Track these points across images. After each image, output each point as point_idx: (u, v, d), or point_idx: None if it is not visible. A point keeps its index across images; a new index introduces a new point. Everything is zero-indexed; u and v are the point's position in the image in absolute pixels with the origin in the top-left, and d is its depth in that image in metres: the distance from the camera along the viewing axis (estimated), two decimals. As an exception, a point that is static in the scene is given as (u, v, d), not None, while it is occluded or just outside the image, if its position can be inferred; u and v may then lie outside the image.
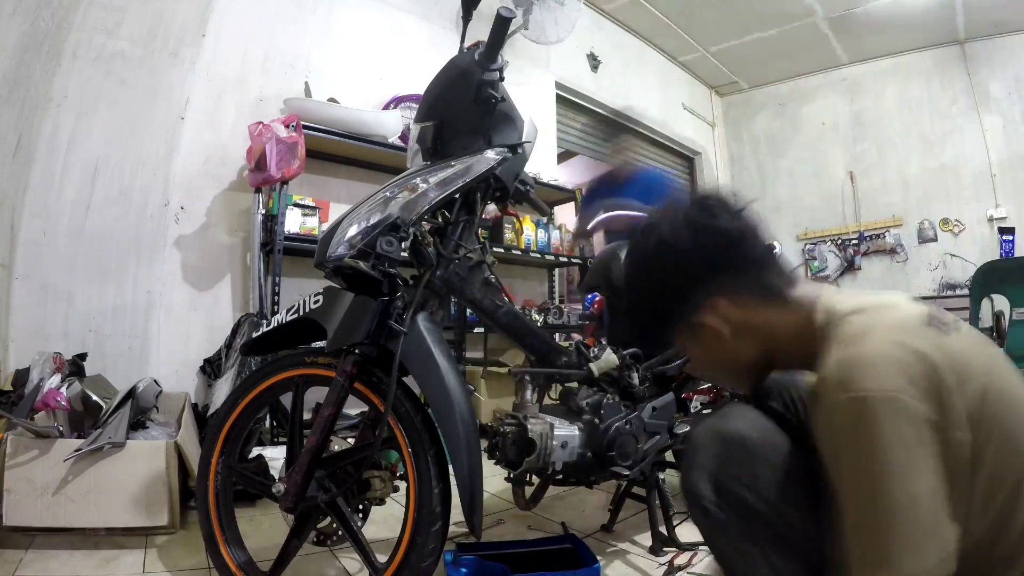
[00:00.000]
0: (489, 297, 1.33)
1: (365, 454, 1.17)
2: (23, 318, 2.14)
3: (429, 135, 1.26)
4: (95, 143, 2.33)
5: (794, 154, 6.10)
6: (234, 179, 2.66)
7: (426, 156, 1.29)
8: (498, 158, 1.26)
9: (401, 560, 1.07)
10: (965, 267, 4.99)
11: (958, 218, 5.16)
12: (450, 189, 1.21)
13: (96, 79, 2.34)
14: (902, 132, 5.45)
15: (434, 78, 1.31)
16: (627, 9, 4.82)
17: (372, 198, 1.20)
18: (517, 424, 1.28)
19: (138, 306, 2.39)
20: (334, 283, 1.27)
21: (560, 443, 1.29)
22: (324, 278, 1.28)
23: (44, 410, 1.60)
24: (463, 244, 1.28)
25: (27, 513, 1.46)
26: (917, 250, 5.35)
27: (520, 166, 1.34)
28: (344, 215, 1.21)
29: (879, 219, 5.54)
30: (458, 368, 1.17)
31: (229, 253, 2.64)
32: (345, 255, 1.14)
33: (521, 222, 3.47)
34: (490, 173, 1.26)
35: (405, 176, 1.24)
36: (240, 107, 2.69)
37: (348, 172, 3.05)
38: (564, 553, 1.41)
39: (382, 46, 3.31)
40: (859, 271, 5.63)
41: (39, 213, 2.20)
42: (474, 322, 3.06)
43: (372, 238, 1.13)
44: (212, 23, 2.65)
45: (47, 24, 2.12)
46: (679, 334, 0.85)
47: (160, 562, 1.40)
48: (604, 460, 1.34)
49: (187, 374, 2.48)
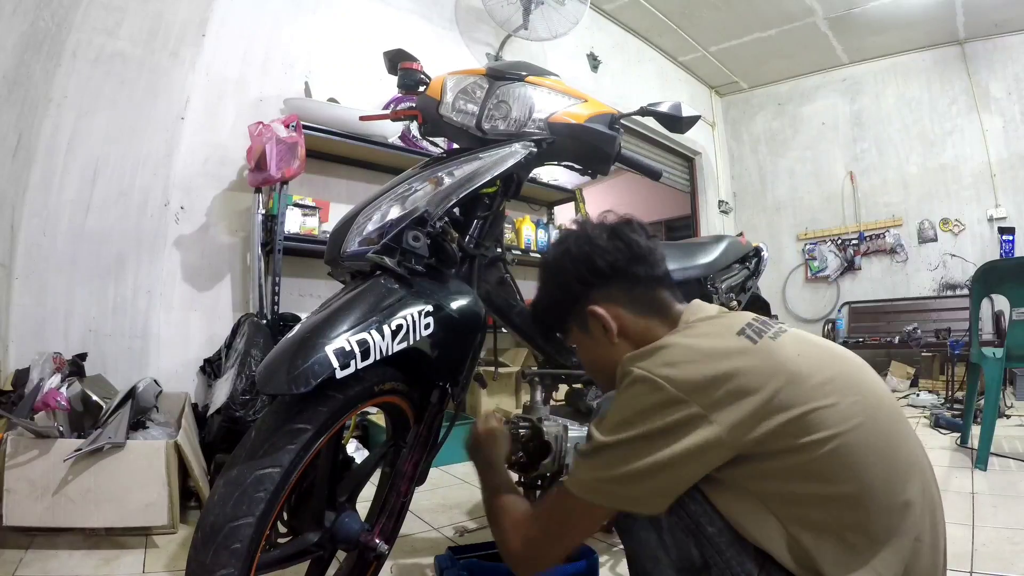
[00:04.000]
0: (503, 296, 1.31)
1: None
2: (23, 318, 2.13)
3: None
4: (95, 143, 2.33)
5: (794, 154, 6.10)
6: (234, 179, 2.66)
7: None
8: (525, 152, 1.15)
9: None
10: (965, 267, 4.99)
11: (958, 218, 5.16)
12: (478, 183, 1.10)
13: (96, 79, 2.34)
14: (902, 132, 5.45)
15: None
16: (627, 9, 4.82)
17: (392, 191, 1.11)
18: (532, 426, 1.26)
19: (138, 306, 2.39)
20: (341, 281, 1.18)
21: (574, 445, 1.27)
22: (328, 276, 1.21)
23: (44, 410, 1.60)
24: (483, 241, 1.21)
25: (27, 513, 1.46)
26: (917, 250, 5.35)
27: (542, 161, 1.26)
28: (357, 209, 1.11)
29: (879, 219, 5.54)
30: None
31: (229, 253, 2.64)
32: (367, 251, 1.01)
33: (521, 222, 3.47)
34: (518, 167, 1.15)
35: (426, 168, 1.16)
36: (240, 107, 2.69)
37: (348, 172, 3.05)
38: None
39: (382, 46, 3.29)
40: (859, 271, 5.64)
41: (39, 213, 2.20)
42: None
43: (397, 233, 1.01)
44: (212, 23, 2.64)
45: (47, 24, 2.12)
46: (573, 331, 0.96)
47: (160, 562, 1.40)
48: None
49: (187, 374, 2.47)
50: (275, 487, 0.80)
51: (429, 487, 1.93)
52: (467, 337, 1.06)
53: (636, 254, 0.90)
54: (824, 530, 0.68)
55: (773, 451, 0.69)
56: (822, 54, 5.52)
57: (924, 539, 0.70)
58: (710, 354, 0.74)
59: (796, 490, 0.69)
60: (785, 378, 0.70)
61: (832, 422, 0.69)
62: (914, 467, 0.73)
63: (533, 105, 1.18)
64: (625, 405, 0.75)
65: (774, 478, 0.69)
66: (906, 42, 5.23)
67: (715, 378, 0.71)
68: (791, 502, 0.69)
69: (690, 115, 1.21)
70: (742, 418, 0.69)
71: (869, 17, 4.81)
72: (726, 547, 0.71)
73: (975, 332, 2.58)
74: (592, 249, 0.91)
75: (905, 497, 0.70)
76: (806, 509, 0.69)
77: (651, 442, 0.71)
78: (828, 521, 0.68)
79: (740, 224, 6.28)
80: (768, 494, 0.70)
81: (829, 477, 0.68)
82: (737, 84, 6.22)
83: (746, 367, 0.71)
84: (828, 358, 0.77)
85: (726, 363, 0.72)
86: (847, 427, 0.69)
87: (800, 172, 6.05)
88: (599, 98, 1.26)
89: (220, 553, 0.76)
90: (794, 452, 0.68)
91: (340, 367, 0.83)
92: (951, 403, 3.69)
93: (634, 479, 0.71)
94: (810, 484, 0.68)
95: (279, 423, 0.84)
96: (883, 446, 0.71)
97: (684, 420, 0.70)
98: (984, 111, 5.03)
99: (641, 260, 0.90)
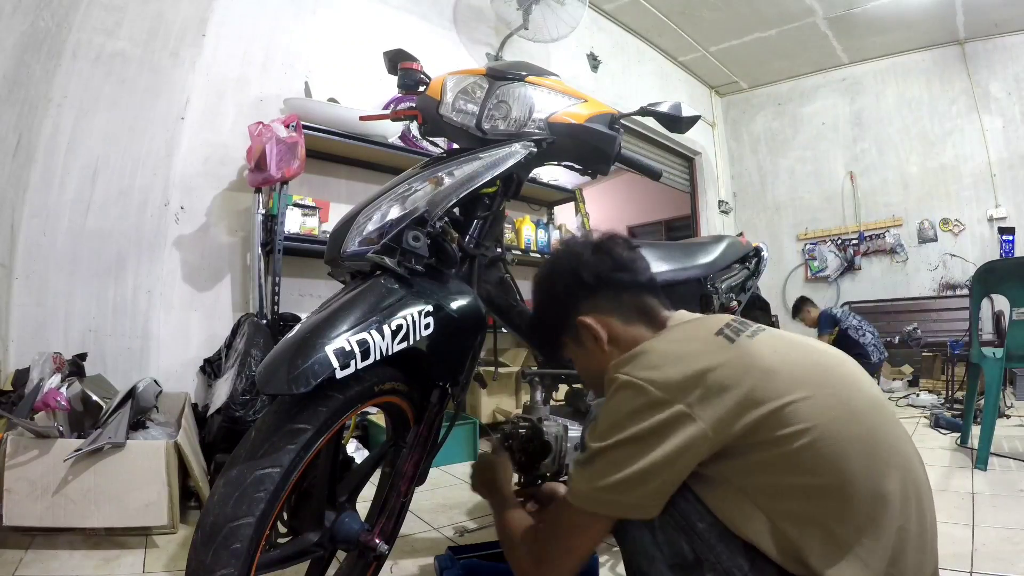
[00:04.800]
0: (503, 296, 1.31)
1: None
2: (23, 318, 2.14)
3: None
4: (95, 143, 2.33)
5: (794, 154, 6.10)
6: (234, 179, 2.66)
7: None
8: (525, 152, 1.15)
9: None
10: (965, 267, 5.00)
11: (958, 218, 5.16)
12: (478, 183, 1.09)
13: (96, 79, 2.34)
14: (902, 132, 5.45)
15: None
16: (627, 9, 4.82)
17: (392, 191, 1.10)
18: (531, 426, 1.26)
19: (138, 306, 2.39)
20: (341, 281, 1.18)
21: (574, 445, 1.27)
22: (328, 276, 1.21)
23: (44, 410, 1.60)
24: (483, 241, 1.21)
25: (27, 513, 1.46)
26: (917, 250, 5.35)
27: (542, 161, 1.26)
28: (357, 209, 1.10)
29: (879, 219, 5.54)
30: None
31: (229, 253, 2.64)
32: (367, 251, 1.01)
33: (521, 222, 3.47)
34: (517, 168, 1.15)
35: (426, 168, 1.15)
36: (240, 107, 2.69)
37: (348, 172, 3.05)
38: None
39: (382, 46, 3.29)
40: (859, 271, 5.64)
41: (39, 213, 2.20)
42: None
43: (397, 233, 1.01)
44: (212, 23, 2.65)
45: (47, 24, 2.12)
46: (568, 344, 1.00)
47: (160, 562, 1.40)
48: None
49: (187, 374, 2.47)
50: (275, 487, 0.79)
51: (429, 487, 1.93)
52: (467, 337, 1.06)
53: (618, 263, 0.95)
54: (808, 522, 0.69)
55: (754, 444, 0.71)
56: (822, 54, 5.52)
57: (910, 528, 0.71)
58: (689, 354, 0.77)
59: (778, 483, 0.70)
60: (760, 374, 0.73)
61: (807, 415, 0.70)
62: (896, 457, 0.74)
63: (533, 105, 1.17)
64: (613, 410, 0.77)
65: (757, 472, 0.71)
66: (906, 42, 5.23)
67: (695, 377, 0.73)
68: (774, 495, 0.71)
69: (690, 115, 1.21)
70: (724, 413, 0.71)
71: (869, 17, 4.81)
72: (716, 542, 0.72)
73: (975, 332, 2.58)
74: (578, 264, 0.96)
75: (887, 487, 0.71)
76: (789, 502, 0.70)
77: (641, 444, 0.73)
78: (811, 513, 0.69)
79: (740, 224, 6.29)
80: (753, 488, 0.72)
81: (809, 469, 0.69)
82: (737, 84, 6.22)
83: (723, 364, 0.74)
84: (803, 354, 0.80)
85: (704, 361, 0.75)
86: (823, 419, 0.71)
87: (800, 172, 6.06)
88: (599, 98, 1.26)
89: (220, 553, 0.76)
90: (773, 445, 0.70)
91: (340, 367, 0.83)
92: (951, 403, 3.69)
93: (631, 485, 0.73)
94: (791, 476, 0.70)
95: (279, 423, 0.84)
96: (862, 437, 0.72)
97: (670, 419, 0.72)
98: (984, 111, 5.03)
99: (624, 268, 0.95)
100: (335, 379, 0.83)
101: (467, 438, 2.57)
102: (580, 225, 3.97)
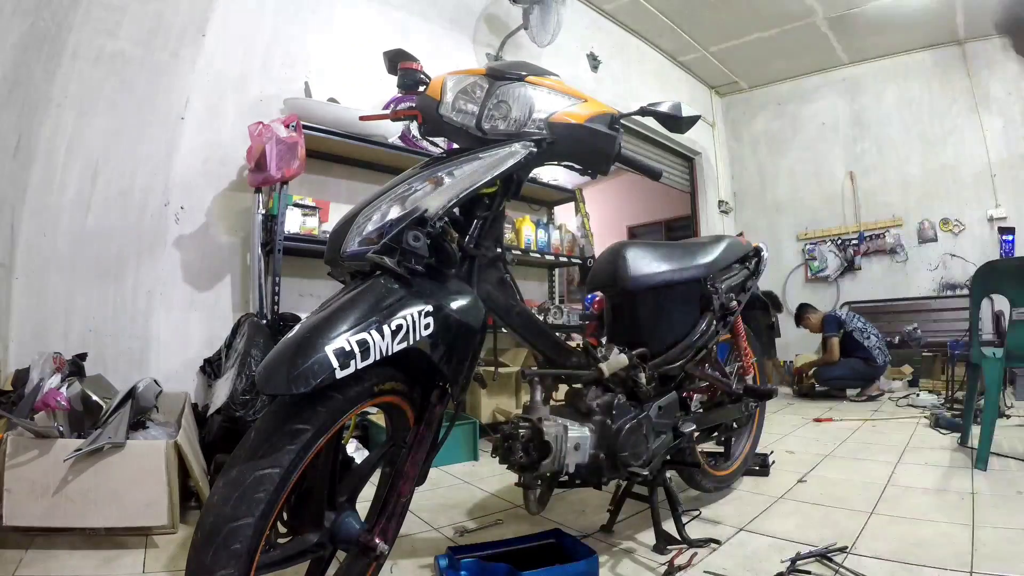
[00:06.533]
0: (503, 296, 1.31)
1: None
2: (23, 318, 2.14)
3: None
4: (95, 143, 2.33)
5: (794, 154, 6.10)
6: (234, 179, 2.66)
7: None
8: (525, 152, 1.14)
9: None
10: (965, 267, 5.00)
11: (958, 218, 5.16)
12: (478, 183, 1.09)
13: (96, 79, 2.34)
14: (902, 132, 5.46)
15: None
16: (627, 9, 4.82)
17: (392, 191, 1.10)
18: (531, 426, 1.25)
19: (138, 306, 2.39)
20: (341, 282, 1.18)
21: (574, 445, 1.26)
22: (328, 276, 1.20)
23: (44, 410, 1.60)
24: (483, 241, 1.20)
25: (27, 513, 1.46)
26: (917, 250, 5.35)
27: (542, 161, 1.26)
28: (357, 209, 1.10)
29: (879, 219, 5.55)
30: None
31: (229, 253, 2.64)
32: (367, 251, 1.01)
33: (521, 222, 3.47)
34: (517, 168, 1.15)
35: (426, 168, 1.15)
36: (240, 107, 2.69)
37: (348, 172, 3.05)
38: (555, 548, 1.42)
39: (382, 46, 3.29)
40: (859, 271, 5.64)
41: (39, 213, 2.20)
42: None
43: (397, 233, 1.00)
44: (212, 23, 2.65)
45: (47, 24, 2.12)
46: None
47: (160, 562, 1.40)
48: (617, 461, 1.33)
49: (187, 374, 2.47)
50: (275, 487, 0.80)
51: (429, 487, 1.93)
52: (467, 337, 1.06)
53: None
54: None
55: None
56: (822, 54, 5.52)
57: None
58: None
59: None
60: None
61: None
62: None
63: (533, 105, 1.18)
64: None
65: None
66: (906, 42, 5.23)
67: None
68: None
69: (690, 115, 1.21)
70: None
71: (869, 17, 4.81)
72: None
73: (975, 332, 2.58)
74: None
75: None
76: None
77: None
78: None
79: (740, 224, 6.29)
80: None
81: None
82: (737, 84, 6.22)
83: None
84: None
85: None
86: None
87: (800, 172, 6.06)
88: (599, 98, 1.26)
89: (220, 553, 0.76)
90: None
91: (340, 367, 0.83)
92: (951, 403, 3.69)
93: None
94: None
95: (279, 423, 0.84)
96: None
97: None
98: (984, 111, 5.03)
99: None
100: (335, 379, 0.83)
101: (467, 438, 2.56)
102: (580, 225, 3.97)
